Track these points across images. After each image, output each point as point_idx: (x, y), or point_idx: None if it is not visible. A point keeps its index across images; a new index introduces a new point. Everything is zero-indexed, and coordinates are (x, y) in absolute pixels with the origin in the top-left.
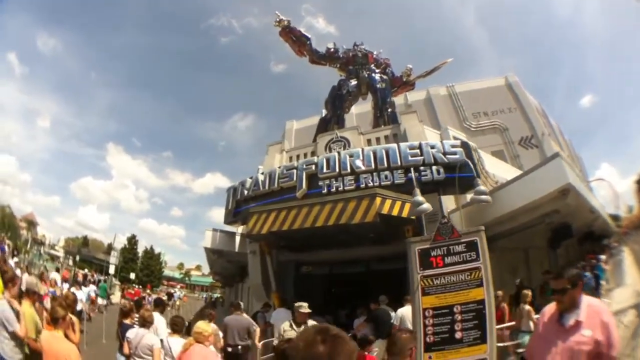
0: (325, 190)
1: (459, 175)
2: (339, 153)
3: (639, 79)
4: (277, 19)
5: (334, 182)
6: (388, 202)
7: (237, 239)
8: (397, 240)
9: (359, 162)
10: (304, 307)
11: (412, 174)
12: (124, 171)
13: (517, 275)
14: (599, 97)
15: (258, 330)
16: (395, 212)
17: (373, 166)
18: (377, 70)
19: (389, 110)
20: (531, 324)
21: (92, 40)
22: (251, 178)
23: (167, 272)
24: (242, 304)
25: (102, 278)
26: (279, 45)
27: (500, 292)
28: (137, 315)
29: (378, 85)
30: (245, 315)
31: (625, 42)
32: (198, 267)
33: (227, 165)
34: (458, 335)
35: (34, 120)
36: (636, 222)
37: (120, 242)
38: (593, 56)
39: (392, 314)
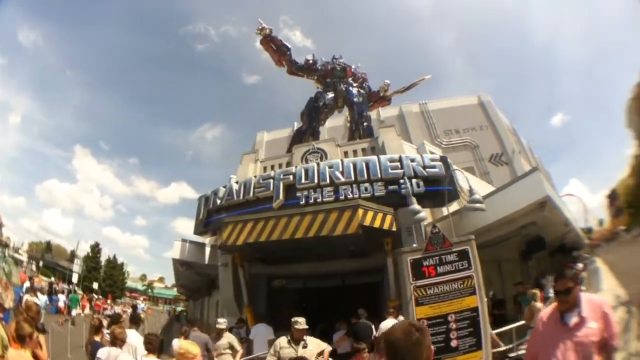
0: (303, 202)
1: (440, 189)
2: (318, 164)
3: (608, 101)
4: (260, 27)
5: (313, 193)
6: (370, 214)
7: (207, 250)
8: (374, 253)
9: (338, 174)
10: (301, 323)
11: (406, 185)
12: (89, 175)
13: (491, 287)
14: (569, 117)
15: (241, 351)
16: (377, 224)
17: (353, 178)
18: (354, 84)
19: (365, 124)
20: None
21: (73, 36)
22: (224, 187)
23: (130, 283)
24: (223, 322)
25: (67, 287)
26: (254, 55)
27: None
28: (107, 332)
29: (355, 99)
30: (199, 332)
31: (598, 67)
32: (161, 279)
33: (193, 176)
34: (454, 343)
35: (5, 115)
36: (607, 235)
37: (83, 250)
38: (567, 79)
39: (373, 327)
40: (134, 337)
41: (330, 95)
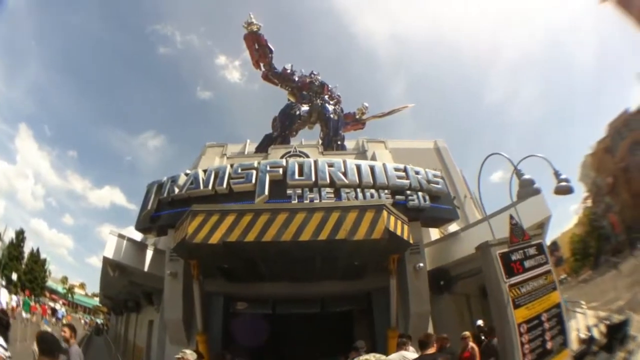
0: (295, 201)
1: (443, 207)
2: (315, 161)
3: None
4: (249, 21)
5: (308, 193)
6: (392, 219)
7: (149, 254)
8: (366, 275)
9: (340, 174)
10: None
11: (414, 197)
12: (28, 159)
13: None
14: (508, 174)
15: None
16: (399, 232)
17: (357, 181)
18: (330, 102)
19: (339, 142)
20: None
21: (48, 6)
22: (186, 174)
23: (50, 282)
24: (190, 354)
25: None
26: (211, 71)
27: (467, 333)
28: None
29: (331, 116)
30: None
31: (544, 131)
32: (82, 285)
33: (128, 183)
34: (549, 345)
35: None
36: None
37: (9, 237)
38: (513, 139)
39: None
40: None
41: (305, 107)
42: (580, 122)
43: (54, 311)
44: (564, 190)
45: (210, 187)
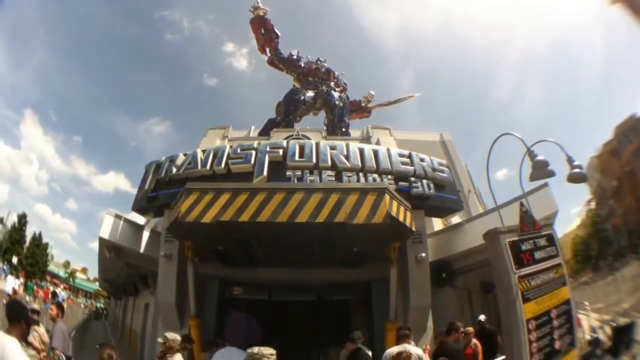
0: (295, 183)
1: (448, 197)
2: (317, 143)
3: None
4: (256, 5)
5: (308, 175)
6: (395, 204)
7: (145, 235)
8: (366, 264)
9: (342, 157)
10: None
11: (418, 184)
12: (32, 145)
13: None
14: (514, 173)
15: None
16: (401, 218)
17: (360, 165)
18: (336, 89)
19: (343, 129)
20: None
21: None
22: (185, 154)
23: (52, 267)
24: (173, 338)
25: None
26: (218, 58)
27: (470, 328)
28: None
29: (337, 102)
30: None
31: (550, 130)
32: (84, 270)
33: (132, 169)
34: (557, 345)
35: None
36: None
37: (12, 221)
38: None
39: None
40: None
41: (310, 94)
42: (585, 124)
43: (54, 295)
44: (577, 177)
45: (208, 167)
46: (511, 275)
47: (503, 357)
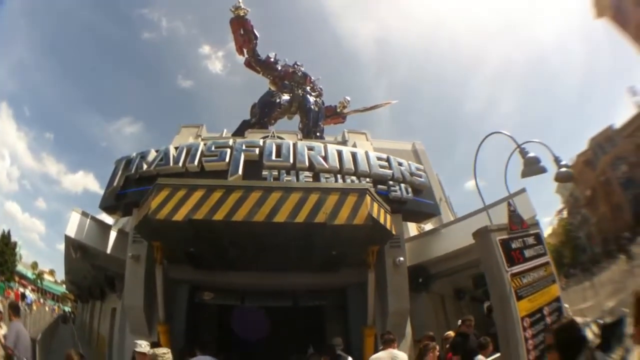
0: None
1: (425, 202)
2: (295, 143)
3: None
4: (237, 5)
5: (285, 175)
6: (376, 206)
7: (113, 235)
8: (343, 267)
9: (320, 159)
10: None
11: (397, 188)
12: (5, 140)
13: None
14: (485, 183)
15: None
16: (382, 221)
17: (338, 167)
18: (312, 94)
19: (318, 134)
20: None
21: None
22: (157, 151)
23: (20, 267)
24: (145, 345)
25: None
26: (194, 60)
27: (451, 332)
28: None
29: (312, 107)
30: None
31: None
32: (52, 272)
33: (102, 169)
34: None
35: None
36: None
37: None
38: (490, 148)
39: None
40: None
41: (286, 97)
42: (559, 136)
43: (23, 296)
44: (564, 176)
45: (180, 164)
46: (503, 273)
47: (497, 354)
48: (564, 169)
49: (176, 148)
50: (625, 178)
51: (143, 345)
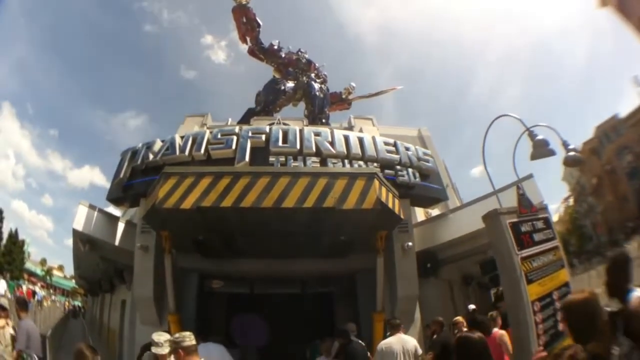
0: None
1: (432, 187)
2: (301, 129)
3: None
4: None
5: (292, 161)
6: (384, 190)
7: (121, 227)
8: (352, 253)
9: (327, 144)
10: None
11: (404, 172)
12: (9, 139)
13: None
14: (490, 169)
15: None
16: (390, 205)
17: (345, 152)
18: (317, 80)
19: (324, 121)
20: None
21: None
22: (163, 141)
23: (29, 265)
24: (164, 341)
25: None
26: (197, 51)
27: (459, 318)
28: None
29: (317, 93)
30: None
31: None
32: (61, 268)
33: (107, 163)
34: (561, 326)
35: None
36: None
37: None
38: (496, 135)
39: None
40: None
41: (291, 84)
42: (564, 123)
43: (33, 294)
44: (574, 160)
45: (187, 152)
46: (514, 256)
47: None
48: (572, 153)
49: (182, 137)
50: (631, 168)
51: (163, 343)
